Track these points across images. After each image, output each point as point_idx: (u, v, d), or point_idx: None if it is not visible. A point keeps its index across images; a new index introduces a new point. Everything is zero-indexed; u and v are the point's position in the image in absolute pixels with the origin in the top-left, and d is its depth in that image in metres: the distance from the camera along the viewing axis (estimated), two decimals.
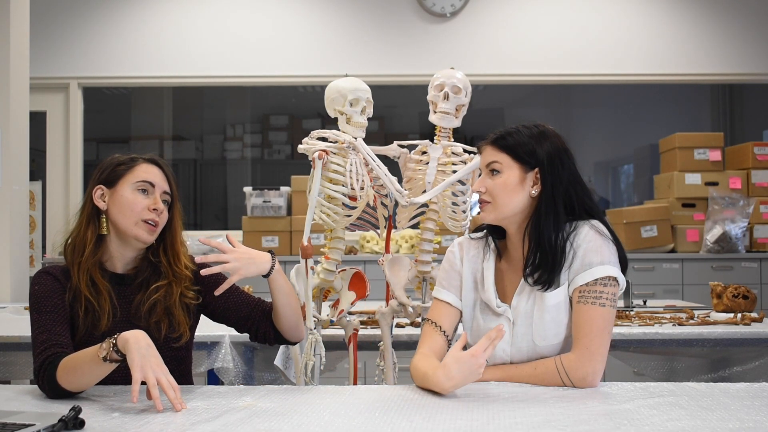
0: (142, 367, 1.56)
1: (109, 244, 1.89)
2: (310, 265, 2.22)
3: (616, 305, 1.77)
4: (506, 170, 1.82)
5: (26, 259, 4.25)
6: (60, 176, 5.57)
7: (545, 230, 1.78)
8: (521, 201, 1.82)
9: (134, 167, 1.89)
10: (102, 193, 1.88)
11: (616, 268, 1.77)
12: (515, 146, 1.82)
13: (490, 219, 1.85)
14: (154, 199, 1.87)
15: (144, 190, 1.87)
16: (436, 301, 1.92)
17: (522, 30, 5.59)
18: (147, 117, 7.30)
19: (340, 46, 5.58)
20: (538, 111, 7.51)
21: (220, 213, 7.47)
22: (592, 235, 1.78)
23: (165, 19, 5.61)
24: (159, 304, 1.86)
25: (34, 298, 1.83)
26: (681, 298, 4.72)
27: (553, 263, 1.78)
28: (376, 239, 5.03)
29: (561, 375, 1.72)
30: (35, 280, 1.85)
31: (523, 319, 1.81)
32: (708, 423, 1.40)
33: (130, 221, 1.85)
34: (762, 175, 5.03)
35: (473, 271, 1.91)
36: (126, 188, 1.87)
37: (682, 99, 7.29)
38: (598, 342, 1.72)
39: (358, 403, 1.60)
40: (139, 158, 1.92)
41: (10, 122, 4.03)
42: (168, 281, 1.89)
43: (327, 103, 2.33)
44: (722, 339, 2.61)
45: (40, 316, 1.79)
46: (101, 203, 1.88)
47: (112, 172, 1.89)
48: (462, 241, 1.96)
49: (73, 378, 1.66)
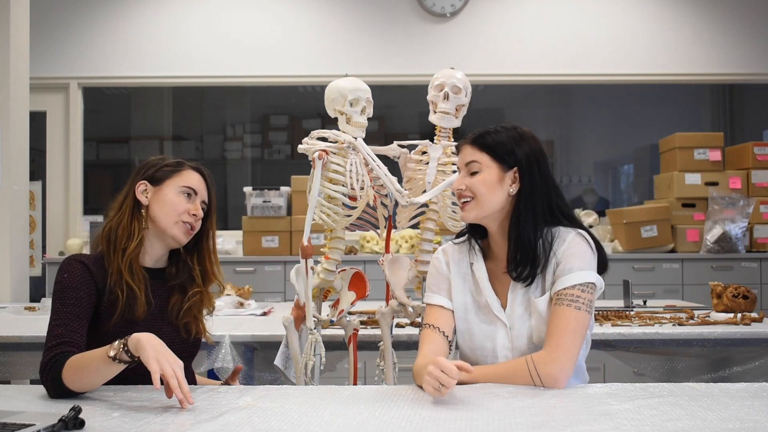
0: (158, 360, 1.57)
1: (144, 238, 1.94)
2: (310, 265, 2.22)
3: (592, 311, 1.81)
4: (485, 169, 1.86)
5: (26, 259, 4.25)
6: (60, 176, 5.57)
7: (525, 228, 1.82)
8: (500, 198, 1.85)
9: (181, 171, 1.97)
10: (145, 189, 1.95)
11: (596, 275, 1.82)
12: (494, 146, 1.86)
13: (471, 217, 1.88)
14: (195, 205, 1.96)
15: (188, 195, 1.95)
16: (429, 307, 1.94)
17: (522, 30, 5.59)
18: (147, 117, 7.29)
19: (340, 46, 5.58)
20: (538, 111, 7.51)
21: (220, 213, 7.42)
22: (576, 241, 1.82)
23: (165, 19, 5.61)
24: (194, 308, 1.96)
25: (60, 285, 1.84)
26: (681, 298, 4.72)
27: (534, 259, 1.82)
28: (376, 239, 5.03)
29: (531, 372, 1.73)
30: (65, 267, 1.86)
31: (520, 322, 1.84)
32: (708, 423, 1.40)
33: (171, 220, 1.92)
34: (762, 175, 5.03)
35: (462, 275, 1.94)
36: (170, 189, 1.94)
37: (682, 99, 7.29)
38: (569, 342, 1.73)
39: (358, 403, 1.60)
40: (185, 163, 2.00)
41: (10, 122, 4.03)
42: (201, 290, 1.99)
43: (327, 103, 2.33)
44: (722, 339, 2.62)
45: (62, 307, 1.80)
46: (143, 198, 1.94)
47: (159, 171, 1.96)
48: (445, 247, 2.00)
49: (79, 377, 1.67)
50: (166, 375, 1.56)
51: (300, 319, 2.26)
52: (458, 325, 1.92)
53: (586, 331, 1.79)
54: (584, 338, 1.79)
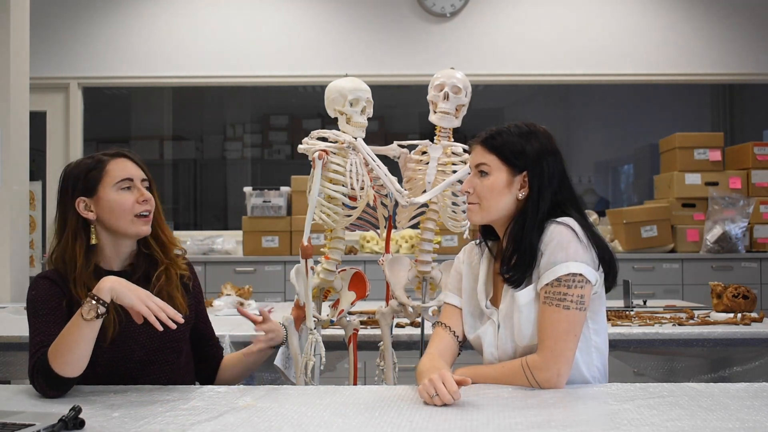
0: (142, 301, 1.66)
1: (103, 248, 1.88)
2: (310, 265, 2.22)
3: (583, 306, 1.73)
4: (494, 172, 1.83)
5: (26, 259, 4.25)
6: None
7: (528, 233, 1.78)
8: (507, 203, 1.83)
9: (106, 168, 1.87)
10: (86, 204, 1.86)
11: (584, 265, 1.72)
12: (503, 148, 1.83)
13: (476, 220, 1.88)
14: (138, 191, 1.87)
15: (127, 187, 1.87)
16: (444, 305, 1.97)
17: (522, 30, 5.59)
18: (147, 117, 7.29)
19: (340, 46, 5.58)
20: (538, 111, 7.50)
21: (220, 213, 7.46)
22: (558, 231, 1.75)
23: (165, 20, 5.61)
24: (162, 291, 1.87)
25: (31, 303, 1.82)
26: (681, 298, 4.71)
27: (530, 264, 1.77)
28: (376, 239, 5.03)
29: (527, 375, 1.72)
30: (33, 285, 1.84)
31: (505, 320, 1.82)
32: (708, 423, 1.40)
33: (126, 221, 1.85)
34: (762, 175, 5.03)
35: (473, 275, 1.94)
36: (108, 191, 1.85)
37: (682, 99, 7.28)
38: (562, 344, 1.70)
39: (358, 403, 1.60)
40: (105, 157, 1.89)
41: (10, 122, 4.03)
42: (165, 266, 1.92)
43: (327, 103, 2.33)
44: (722, 339, 2.61)
45: (37, 320, 1.78)
46: (89, 214, 1.85)
47: (87, 180, 1.86)
48: (466, 246, 2.01)
49: (66, 355, 1.65)
50: (155, 310, 1.65)
51: (300, 319, 2.26)
52: (466, 323, 1.92)
53: (579, 330, 1.73)
54: (578, 337, 1.73)
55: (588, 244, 1.76)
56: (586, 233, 1.78)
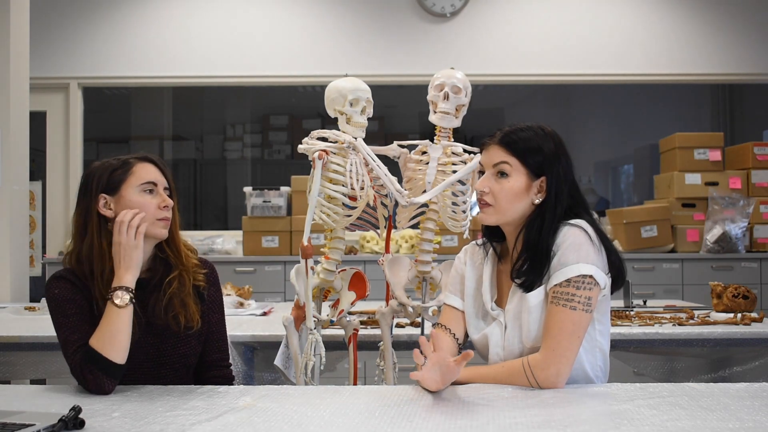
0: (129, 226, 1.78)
1: None
2: (310, 265, 2.22)
3: (590, 308, 1.73)
4: (514, 174, 1.82)
5: (26, 259, 4.25)
6: (60, 176, 5.57)
7: (544, 237, 1.78)
8: (523, 207, 1.82)
9: (132, 169, 1.87)
10: (105, 202, 1.85)
11: (595, 267, 1.73)
12: (524, 150, 1.81)
13: (490, 221, 1.86)
14: (161, 196, 1.88)
15: (150, 190, 1.87)
16: (444, 306, 1.96)
17: (522, 30, 5.59)
18: (147, 117, 7.30)
19: (340, 46, 5.58)
20: (538, 111, 7.51)
21: (220, 213, 7.47)
22: (571, 233, 1.75)
23: (165, 19, 5.61)
24: (175, 296, 1.87)
25: (55, 302, 1.81)
26: (681, 298, 4.71)
27: (542, 267, 1.77)
28: (376, 239, 5.03)
29: (527, 374, 1.72)
30: (53, 285, 1.83)
31: (513, 321, 1.82)
32: (708, 423, 1.40)
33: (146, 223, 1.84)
34: (762, 175, 5.03)
35: (476, 276, 1.93)
36: (131, 192, 1.85)
37: (682, 99, 7.29)
38: (565, 344, 1.70)
39: (358, 403, 1.60)
40: (132, 159, 1.90)
41: (10, 122, 4.03)
42: (178, 272, 1.91)
43: (327, 103, 2.33)
44: (722, 339, 2.61)
45: (67, 319, 1.78)
46: (108, 212, 1.85)
47: (111, 179, 1.86)
48: (467, 247, 2.00)
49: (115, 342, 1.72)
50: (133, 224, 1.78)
51: (300, 319, 2.26)
52: (469, 323, 1.91)
53: (584, 331, 1.74)
54: (582, 339, 1.73)
55: (600, 247, 1.77)
56: (599, 236, 1.79)
